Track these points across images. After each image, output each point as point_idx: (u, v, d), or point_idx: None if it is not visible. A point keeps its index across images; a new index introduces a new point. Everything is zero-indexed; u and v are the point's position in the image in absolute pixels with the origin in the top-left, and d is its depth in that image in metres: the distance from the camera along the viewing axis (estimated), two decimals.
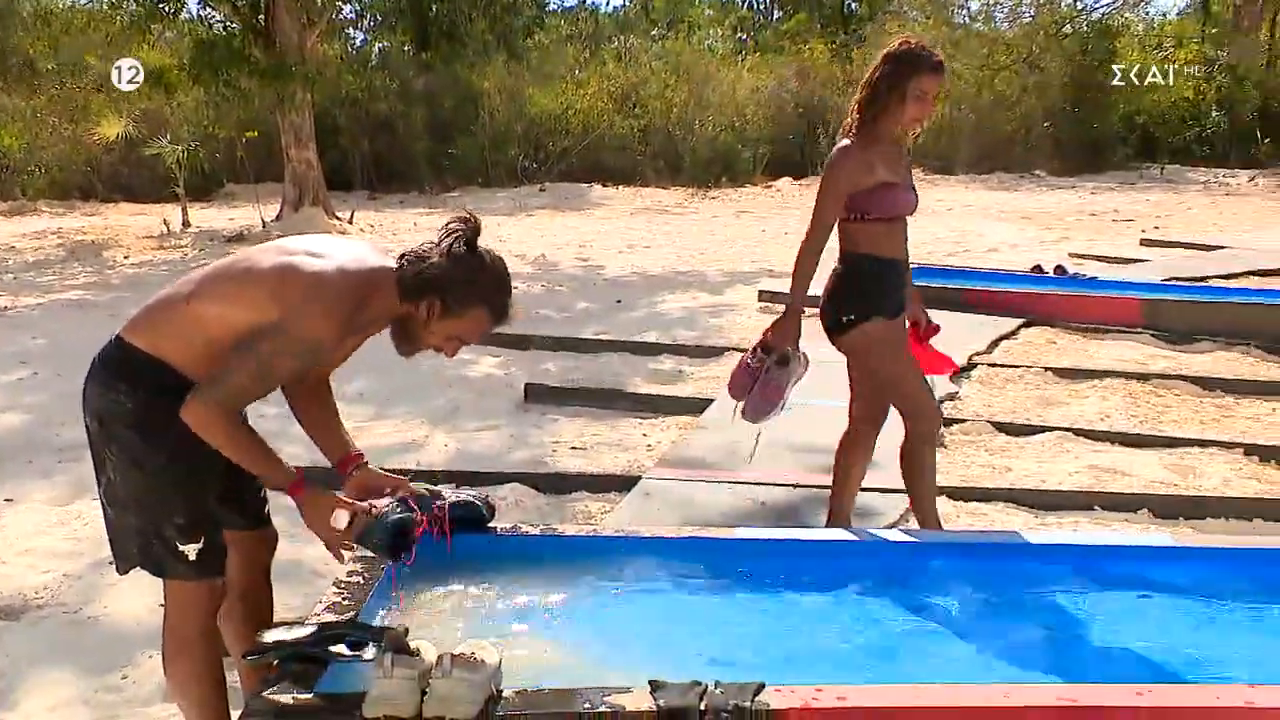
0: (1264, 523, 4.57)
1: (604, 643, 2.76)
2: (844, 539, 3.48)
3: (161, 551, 2.61)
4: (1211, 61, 27.16)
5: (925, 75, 3.64)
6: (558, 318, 9.69)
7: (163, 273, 12.65)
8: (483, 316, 2.62)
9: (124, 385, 2.56)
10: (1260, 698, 2.38)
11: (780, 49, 31.16)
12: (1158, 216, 17.29)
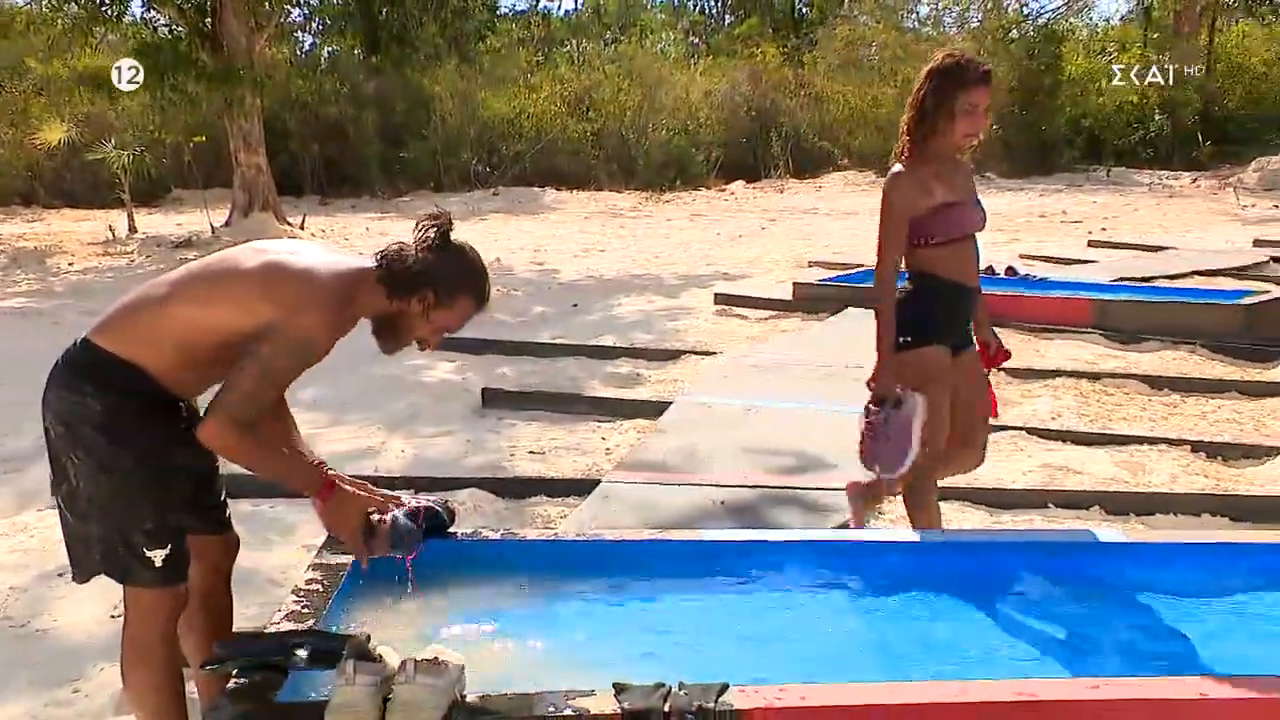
0: (1211, 517, 4.64)
1: (567, 646, 2.76)
2: (804, 539, 3.50)
3: (127, 558, 2.57)
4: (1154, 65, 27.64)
5: (972, 88, 3.45)
6: (514, 322, 9.66)
7: (108, 280, 12.48)
8: (469, 305, 2.69)
9: (91, 388, 2.52)
10: (1212, 690, 2.43)
11: (732, 52, 31.34)
12: (1105, 218, 17.57)
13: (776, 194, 23.10)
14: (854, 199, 21.79)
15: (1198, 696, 2.40)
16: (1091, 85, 26.96)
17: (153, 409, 2.58)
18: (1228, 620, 3.07)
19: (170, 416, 2.64)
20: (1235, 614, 3.10)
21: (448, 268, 2.63)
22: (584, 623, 2.93)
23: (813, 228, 17.14)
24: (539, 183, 23.49)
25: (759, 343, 8.39)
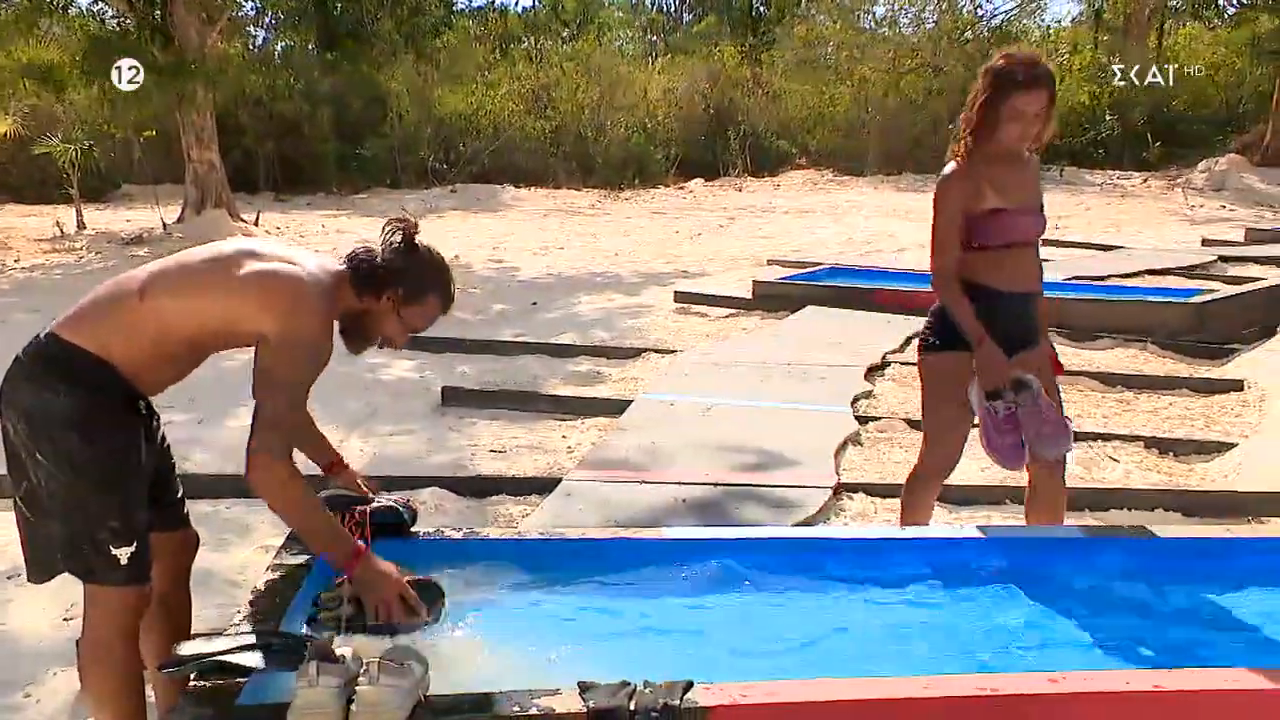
0: (1165, 512, 4.72)
1: (533, 645, 2.75)
2: (766, 536, 3.51)
3: (92, 556, 2.52)
4: (1104, 68, 28.00)
5: (1018, 93, 3.35)
6: (473, 320, 9.62)
7: (57, 277, 12.30)
8: (436, 304, 2.73)
9: (62, 384, 2.48)
10: (1167, 682, 2.47)
11: (690, 51, 31.38)
12: (1058, 217, 17.74)
13: (735, 192, 23.17)
14: (812, 197, 21.91)
15: (1152, 689, 2.44)
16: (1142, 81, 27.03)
17: (123, 407, 2.56)
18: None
19: (136, 414, 2.61)
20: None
21: (415, 267, 2.68)
22: (549, 622, 2.92)
23: (771, 226, 17.22)
24: (497, 180, 23.42)
25: (719, 341, 8.42)
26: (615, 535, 3.48)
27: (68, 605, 3.73)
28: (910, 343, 8.01)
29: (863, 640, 2.92)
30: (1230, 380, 6.96)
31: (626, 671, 2.36)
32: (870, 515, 4.61)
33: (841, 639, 2.92)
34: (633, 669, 2.38)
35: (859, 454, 5.48)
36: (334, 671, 2.21)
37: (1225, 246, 13.60)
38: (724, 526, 4.12)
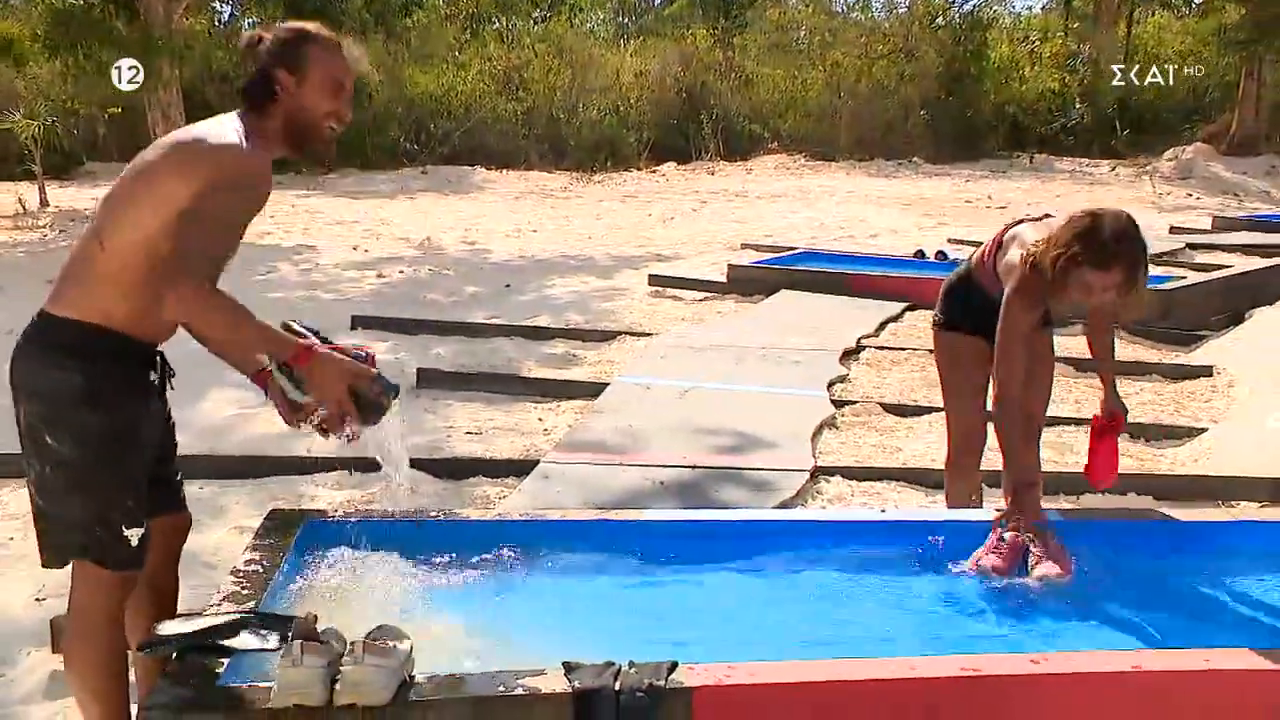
0: (1137, 496, 4.78)
1: (516, 625, 2.75)
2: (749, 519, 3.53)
3: (105, 538, 2.47)
4: (1074, 55, 28.18)
5: (1091, 270, 3.16)
6: (446, 302, 9.59)
7: (20, 255, 12.12)
8: (325, 58, 2.53)
9: (68, 360, 2.42)
10: (1147, 662, 2.51)
11: (662, 34, 31.28)
12: (1029, 204, 17.85)
13: (707, 176, 23.16)
14: (784, 181, 21.94)
15: (1131, 669, 2.47)
16: (1015, 73, 27.40)
17: (132, 373, 2.51)
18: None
19: (147, 386, 2.55)
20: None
21: (279, 45, 2.52)
22: (531, 603, 2.92)
23: (744, 210, 17.23)
24: (468, 162, 23.26)
25: (694, 324, 8.42)
26: (597, 517, 3.48)
27: (39, 586, 3.69)
28: (885, 327, 8.06)
29: (846, 621, 2.93)
30: (1199, 366, 7.04)
31: (611, 652, 2.37)
32: (847, 498, 4.63)
33: (824, 620, 2.93)
34: (617, 649, 2.39)
35: (835, 437, 5.50)
36: (318, 651, 2.20)
37: (1193, 234, 13.73)
38: (704, 509, 4.12)
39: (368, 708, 2.17)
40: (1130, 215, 3.26)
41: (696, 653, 2.44)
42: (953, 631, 2.89)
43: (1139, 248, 3.20)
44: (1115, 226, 3.16)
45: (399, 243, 13.34)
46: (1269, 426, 5.62)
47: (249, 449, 5.23)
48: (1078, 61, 28.00)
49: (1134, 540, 3.40)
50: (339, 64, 2.55)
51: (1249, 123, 23.78)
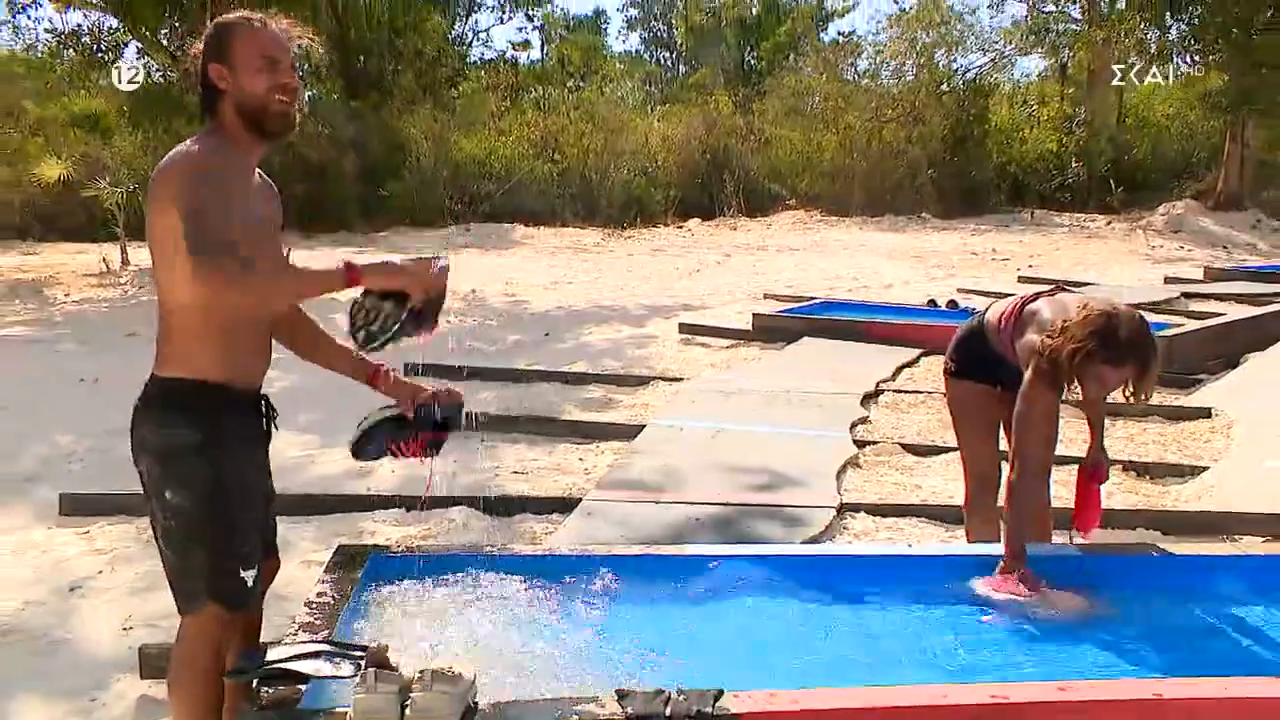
0: (1145, 530, 4.71)
1: (570, 654, 2.73)
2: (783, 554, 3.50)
3: (227, 583, 2.45)
4: (1070, 118, 28.23)
5: (1106, 366, 3.17)
6: (490, 350, 9.61)
7: (104, 310, 12.28)
8: (248, 38, 2.41)
9: (179, 418, 2.40)
10: (1167, 690, 2.46)
11: (687, 100, 31.55)
12: (1031, 256, 17.85)
13: (730, 231, 23.22)
14: (801, 236, 21.97)
15: (1152, 697, 2.43)
16: (1015, 134, 27.48)
17: (236, 427, 2.49)
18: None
19: (252, 434, 2.55)
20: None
21: (206, 42, 2.44)
22: (582, 632, 2.90)
23: (765, 263, 17.25)
24: (508, 219, 23.41)
25: (723, 369, 8.41)
26: (642, 552, 3.46)
27: (127, 616, 3.71)
28: (901, 372, 8.02)
29: (877, 650, 2.90)
30: (1198, 408, 6.95)
31: (660, 679, 2.35)
32: (871, 533, 4.59)
33: (858, 649, 2.90)
34: (666, 677, 2.37)
35: (859, 476, 5.46)
36: (390, 679, 2.20)
37: (1187, 284, 13.63)
38: (741, 544, 4.09)
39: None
40: (1143, 317, 3.27)
41: (741, 680, 2.41)
42: (980, 660, 2.84)
43: (1151, 347, 3.21)
44: (1130, 327, 3.17)
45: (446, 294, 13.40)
46: (1267, 466, 5.54)
47: (313, 488, 5.26)
48: (1074, 124, 28.03)
49: (1144, 572, 3.34)
50: (263, 39, 2.41)
51: (1234, 181, 23.73)
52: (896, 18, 28.44)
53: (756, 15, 38.12)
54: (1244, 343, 8.48)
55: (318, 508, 4.88)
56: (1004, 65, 29.24)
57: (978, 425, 3.93)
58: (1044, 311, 3.49)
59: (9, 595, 4.06)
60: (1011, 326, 3.64)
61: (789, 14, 37.46)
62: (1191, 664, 2.78)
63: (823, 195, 26.30)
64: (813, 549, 3.89)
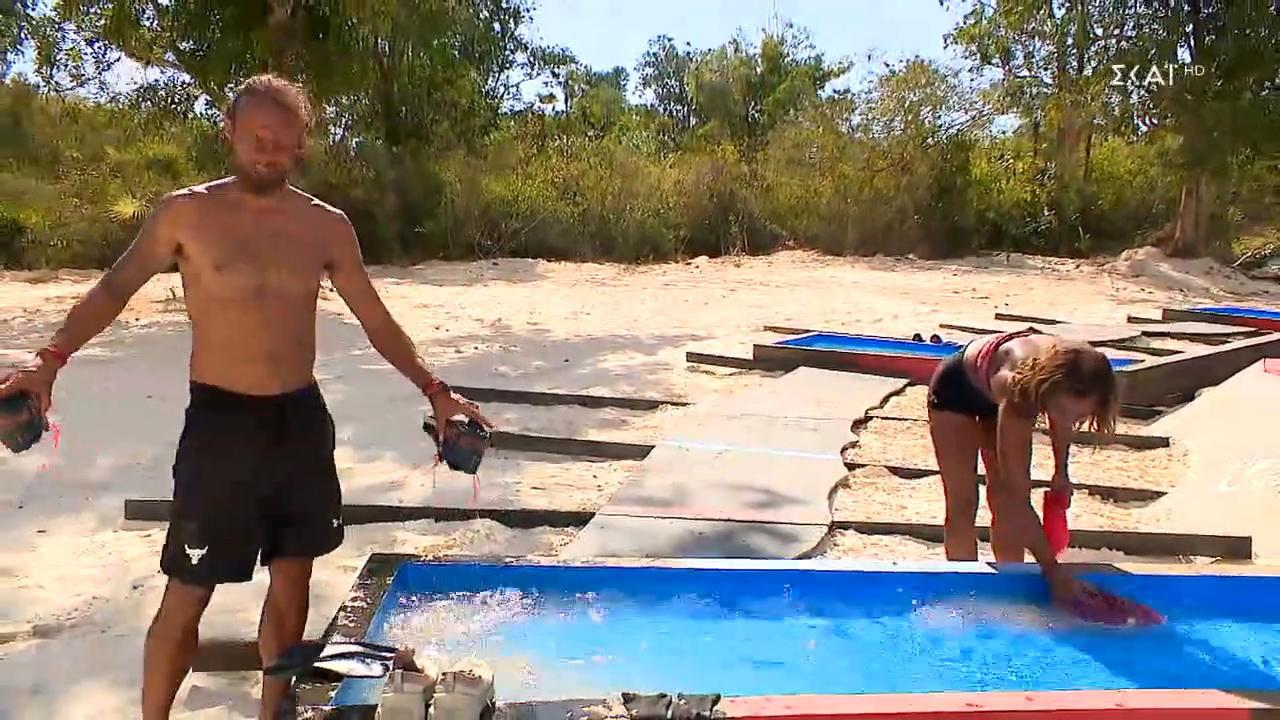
0: (1109, 550, 4.66)
1: (579, 659, 2.71)
2: (777, 569, 3.47)
3: (176, 555, 2.56)
4: (1042, 171, 28.27)
5: (1067, 397, 3.17)
6: (514, 375, 9.61)
7: (169, 333, 12.32)
8: (251, 105, 2.47)
9: (188, 411, 2.62)
10: (1130, 700, 2.43)
11: (696, 149, 31.66)
12: (1007, 295, 17.80)
13: (734, 268, 23.24)
14: (799, 273, 21.98)
15: (1114, 707, 2.40)
16: (993, 185, 27.53)
17: (214, 421, 2.57)
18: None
19: (238, 430, 2.56)
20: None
21: (233, 99, 2.55)
22: (592, 639, 2.88)
23: (766, 297, 17.24)
24: (532, 255, 23.49)
25: (726, 395, 8.37)
26: (648, 564, 3.44)
27: None
28: (889, 400, 7.99)
29: (860, 659, 2.87)
30: (1157, 438, 6.89)
31: (662, 684, 2.33)
32: (860, 550, 4.55)
33: (842, 659, 2.87)
34: (668, 682, 2.35)
35: (848, 496, 5.42)
36: (416, 679, 2.18)
37: (1147, 323, 13.57)
38: (742, 559, 4.06)
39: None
40: (1105, 356, 3.27)
41: (737, 686, 2.39)
42: (954, 671, 2.81)
43: (1111, 383, 3.19)
44: (1092, 364, 3.17)
45: (474, 323, 13.43)
46: (1220, 491, 5.49)
47: (350, 499, 5.19)
48: (1045, 177, 28.09)
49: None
50: (258, 117, 2.45)
51: (1190, 230, 23.73)
52: (887, 78, 28.56)
53: (760, 74, 38.26)
54: (1199, 378, 8.40)
55: (354, 517, 4.86)
56: (983, 123, 29.33)
57: (957, 452, 3.92)
58: (1016, 350, 3.50)
59: (79, 591, 4.07)
60: (987, 364, 3.63)
61: (790, 73, 37.61)
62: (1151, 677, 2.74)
63: (819, 236, 26.35)
64: (806, 564, 3.86)
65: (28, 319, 13.55)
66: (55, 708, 3.18)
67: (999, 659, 2.89)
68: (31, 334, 12.25)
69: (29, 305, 14.82)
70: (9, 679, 3.36)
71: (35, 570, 4.34)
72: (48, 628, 3.75)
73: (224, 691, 3.24)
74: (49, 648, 3.60)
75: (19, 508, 5.26)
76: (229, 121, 2.50)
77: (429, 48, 22.42)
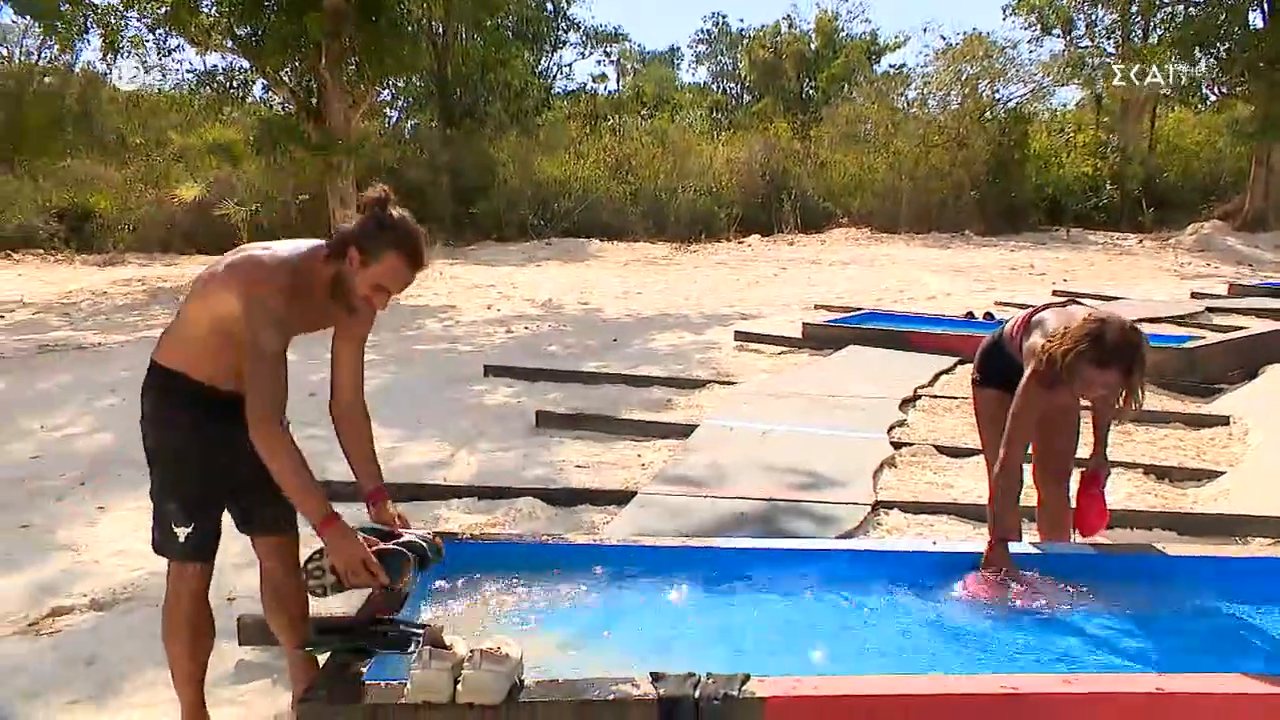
0: (1162, 532, 4.53)
1: (612, 637, 2.71)
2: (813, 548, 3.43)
3: (161, 530, 2.64)
4: (1105, 144, 27.50)
5: (1091, 367, 3.07)
6: (563, 353, 9.64)
7: None
8: (397, 261, 2.50)
9: (148, 393, 2.64)
10: (1169, 684, 2.36)
11: (750, 127, 31.40)
12: (1065, 271, 17.39)
13: (787, 246, 23.03)
14: (852, 251, 21.71)
15: (1154, 690, 2.33)
16: (1053, 159, 26.87)
17: (188, 407, 2.60)
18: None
19: (209, 416, 2.58)
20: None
21: (374, 230, 2.50)
22: (625, 618, 2.88)
23: (818, 275, 17.06)
24: (585, 235, 23.51)
25: (774, 374, 8.30)
26: (683, 544, 3.42)
27: (231, 588, 3.77)
28: (939, 378, 7.86)
29: (897, 639, 2.83)
30: (1217, 416, 6.69)
31: (692, 663, 2.32)
32: (903, 529, 4.49)
33: (878, 639, 2.83)
34: (696, 661, 2.33)
35: (894, 475, 5.35)
36: (444, 657, 2.20)
37: (1211, 299, 13.15)
38: (778, 538, 4.03)
39: (484, 706, 2.16)
40: (1136, 327, 3.16)
41: (768, 666, 2.37)
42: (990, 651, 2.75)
43: (1136, 356, 3.08)
44: (1118, 335, 3.07)
45: (525, 303, 13.50)
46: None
47: (393, 477, 5.22)
48: (1108, 149, 27.29)
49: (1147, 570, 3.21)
50: (399, 276, 2.52)
51: (1259, 202, 22.97)
52: (943, 51, 27.96)
53: (814, 49, 37.75)
54: (1263, 355, 8.13)
55: (398, 495, 4.88)
56: (1043, 95, 28.58)
57: (1000, 431, 3.81)
58: (1049, 320, 3.42)
59: (134, 566, 4.17)
60: (1022, 333, 3.56)
61: (844, 48, 37.06)
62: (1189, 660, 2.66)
63: (873, 214, 25.99)
64: (843, 544, 3.80)
65: (94, 302, 13.92)
66: (108, 679, 3.27)
67: (1038, 640, 2.83)
68: (98, 316, 12.60)
69: (96, 288, 15.22)
70: (67, 651, 3.47)
71: (94, 545, 4.47)
72: (104, 601, 3.86)
73: (269, 665, 3.30)
74: (104, 621, 3.70)
75: (81, 484, 5.41)
76: (358, 252, 2.48)
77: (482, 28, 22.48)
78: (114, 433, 6.38)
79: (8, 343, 10.40)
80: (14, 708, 3.10)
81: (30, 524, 4.77)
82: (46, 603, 3.84)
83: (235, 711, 3.05)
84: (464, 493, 4.99)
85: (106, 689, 3.21)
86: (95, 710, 3.09)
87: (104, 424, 6.73)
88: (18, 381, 8.33)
